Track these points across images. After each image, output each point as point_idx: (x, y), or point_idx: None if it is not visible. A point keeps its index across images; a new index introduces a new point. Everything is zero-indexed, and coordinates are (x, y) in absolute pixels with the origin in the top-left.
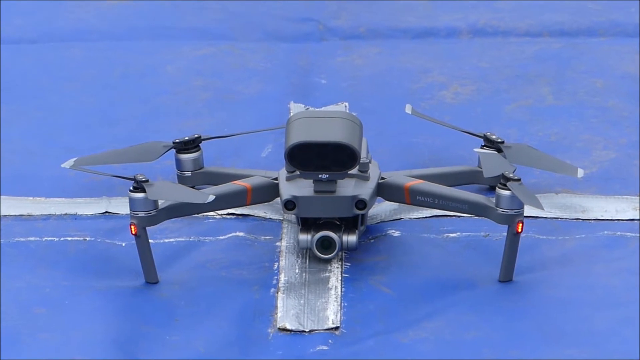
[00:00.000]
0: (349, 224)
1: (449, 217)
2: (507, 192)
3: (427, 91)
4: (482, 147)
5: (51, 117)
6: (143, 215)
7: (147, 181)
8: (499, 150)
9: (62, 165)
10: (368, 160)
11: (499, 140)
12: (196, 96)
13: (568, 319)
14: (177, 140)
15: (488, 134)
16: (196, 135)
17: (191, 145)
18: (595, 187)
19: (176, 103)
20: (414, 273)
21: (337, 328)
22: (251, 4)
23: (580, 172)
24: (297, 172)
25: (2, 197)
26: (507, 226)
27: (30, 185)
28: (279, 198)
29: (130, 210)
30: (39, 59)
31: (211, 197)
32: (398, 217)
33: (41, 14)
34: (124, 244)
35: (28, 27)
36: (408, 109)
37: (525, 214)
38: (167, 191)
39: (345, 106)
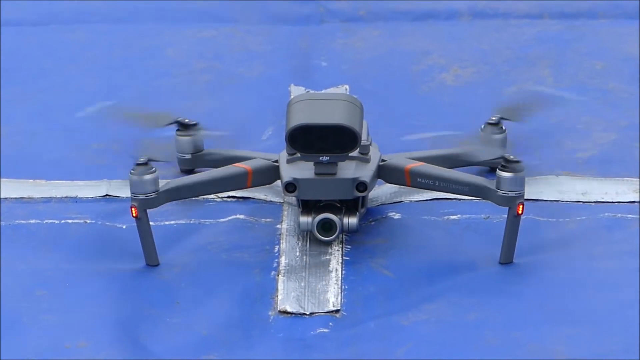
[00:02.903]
0: (349, 206)
1: (449, 200)
2: (507, 174)
3: (428, 73)
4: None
5: (53, 99)
6: (143, 197)
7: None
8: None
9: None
10: (368, 143)
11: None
12: (197, 79)
13: (568, 301)
14: (178, 119)
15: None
16: (194, 122)
17: (188, 129)
18: (595, 169)
19: (178, 85)
20: (414, 255)
21: (337, 311)
22: None
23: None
24: (298, 155)
25: (3, 179)
26: (507, 208)
27: (32, 168)
28: (279, 180)
29: (131, 192)
30: (41, 41)
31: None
32: (398, 199)
33: None
34: (124, 227)
35: (30, 9)
36: None
37: (525, 197)
38: None
39: (346, 89)
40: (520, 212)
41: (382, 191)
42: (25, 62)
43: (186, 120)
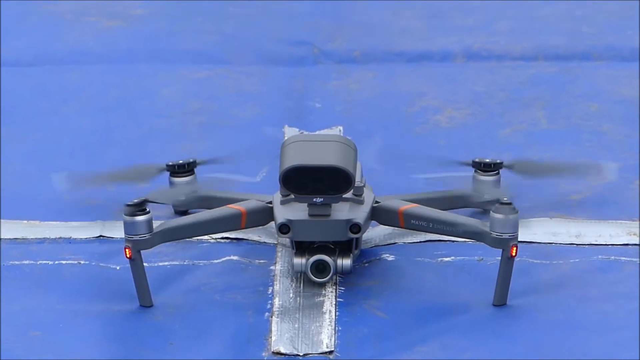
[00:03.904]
0: (343, 247)
1: (443, 242)
2: (501, 216)
3: (422, 115)
4: (475, 172)
5: (47, 139)
6: (137, 238)
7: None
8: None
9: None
10: (362, 184)
11: (497, 161)
12: (191, 120)
13: (562, 343)
14: (170, 163)
15: (479, 159)
16: (191, 160)
17: (186, 169)
18: (589, 211)
19: (171, 126)
20: (408, 297)
21: (331, 352)
22: (247, 27)
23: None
24: (292, 196)
25: None
26: (501, 250)
27: (26, 208)
28: (273, 222)
29: (125, 233)
30: (36, 82)
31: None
32: (392, 241)
33: (38, 37)
34: (118, 268)
35: (25, 50)
36: None
37: (519, 239)
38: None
39: (340, 130)
40: (513, 254)
41: (375, 233)
42: (20, 102)
43: (180, 161)
